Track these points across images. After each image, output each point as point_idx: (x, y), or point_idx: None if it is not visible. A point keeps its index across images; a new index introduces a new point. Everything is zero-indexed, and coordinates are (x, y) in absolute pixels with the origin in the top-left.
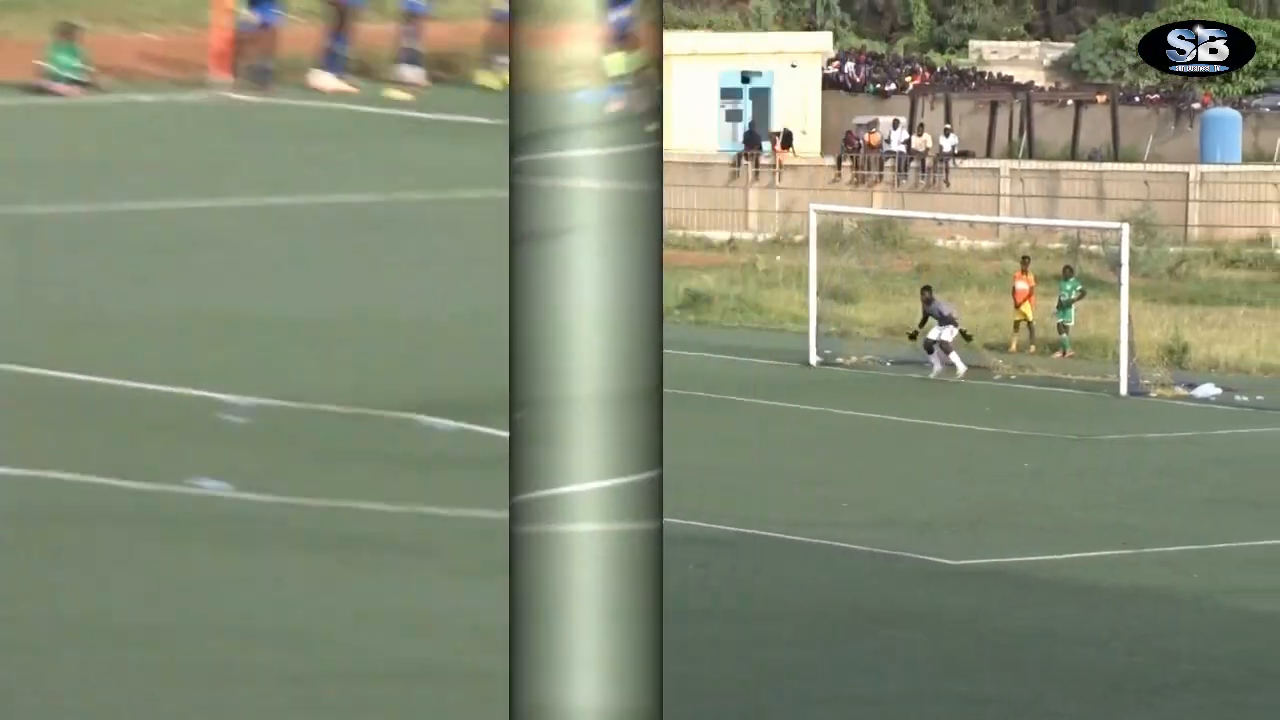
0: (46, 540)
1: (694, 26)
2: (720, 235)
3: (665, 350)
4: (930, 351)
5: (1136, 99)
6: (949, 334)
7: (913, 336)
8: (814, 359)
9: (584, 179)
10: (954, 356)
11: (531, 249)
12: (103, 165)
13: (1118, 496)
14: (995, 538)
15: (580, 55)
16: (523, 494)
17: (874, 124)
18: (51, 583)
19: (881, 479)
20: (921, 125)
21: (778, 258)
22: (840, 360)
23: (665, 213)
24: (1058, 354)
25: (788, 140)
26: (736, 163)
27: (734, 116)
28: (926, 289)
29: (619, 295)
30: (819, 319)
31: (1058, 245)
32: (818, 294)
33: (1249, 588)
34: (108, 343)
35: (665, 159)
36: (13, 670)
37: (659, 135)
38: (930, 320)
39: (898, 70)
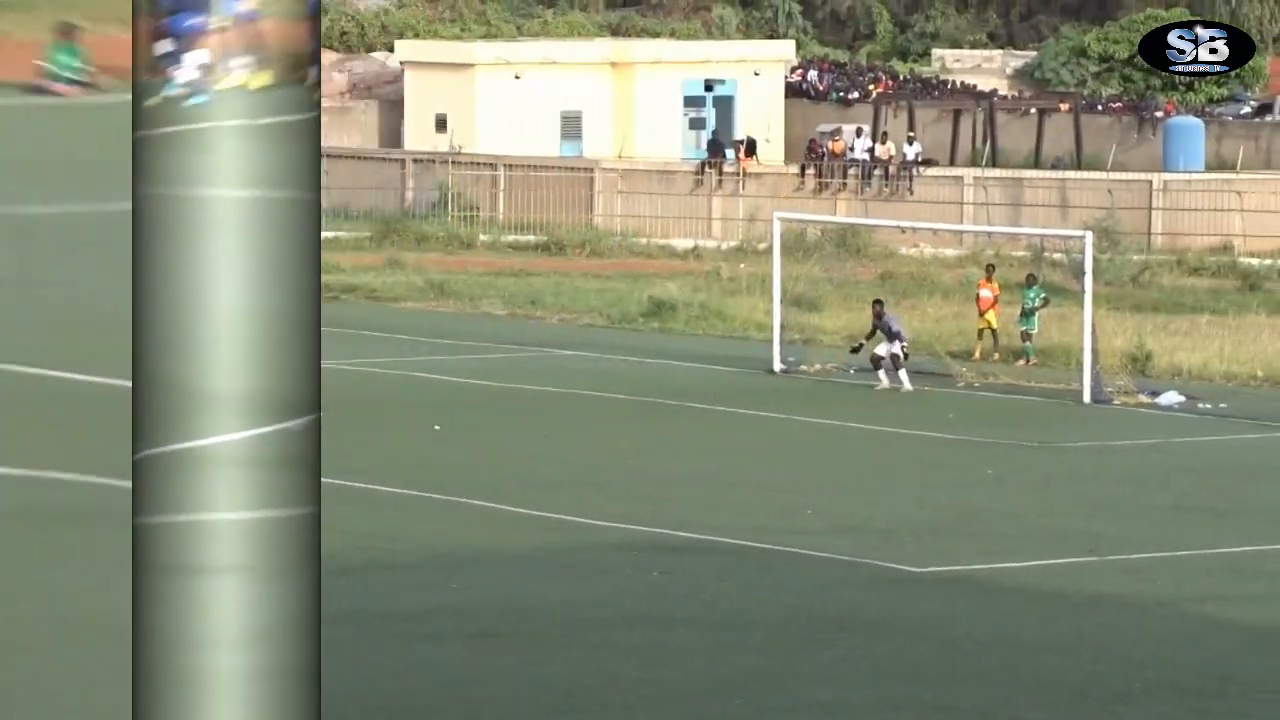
0: None
1: (657, 35)
2: (684, 243)
3: (630, 357)
4: (878, 366)
5: (1099, 107)
6: (896, 348)
7: (856, 350)
8: (777, 367)
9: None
10: (902, 374)
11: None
12: (103, 165)
13: (1081, 504)
14: (959, 545)
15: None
16: (150, 516)
17: (837, 132)
18: None
19: (845, 486)
20: (885, 133)
21: (741, 265)
22: (804, 368)
23: (631, 220)
24: (1021, 362)
25: (751, 148)
26: (700, 171)
27: (697, 124)
28: (878, 302)
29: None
30: (782, 327)
31: (1021, 253)
32: (781, 302)
33: (1212, 595)
34: None
35: (630, 167)
36: None
37: (313, 135)
38: (878, 334)
39: (861, 78)
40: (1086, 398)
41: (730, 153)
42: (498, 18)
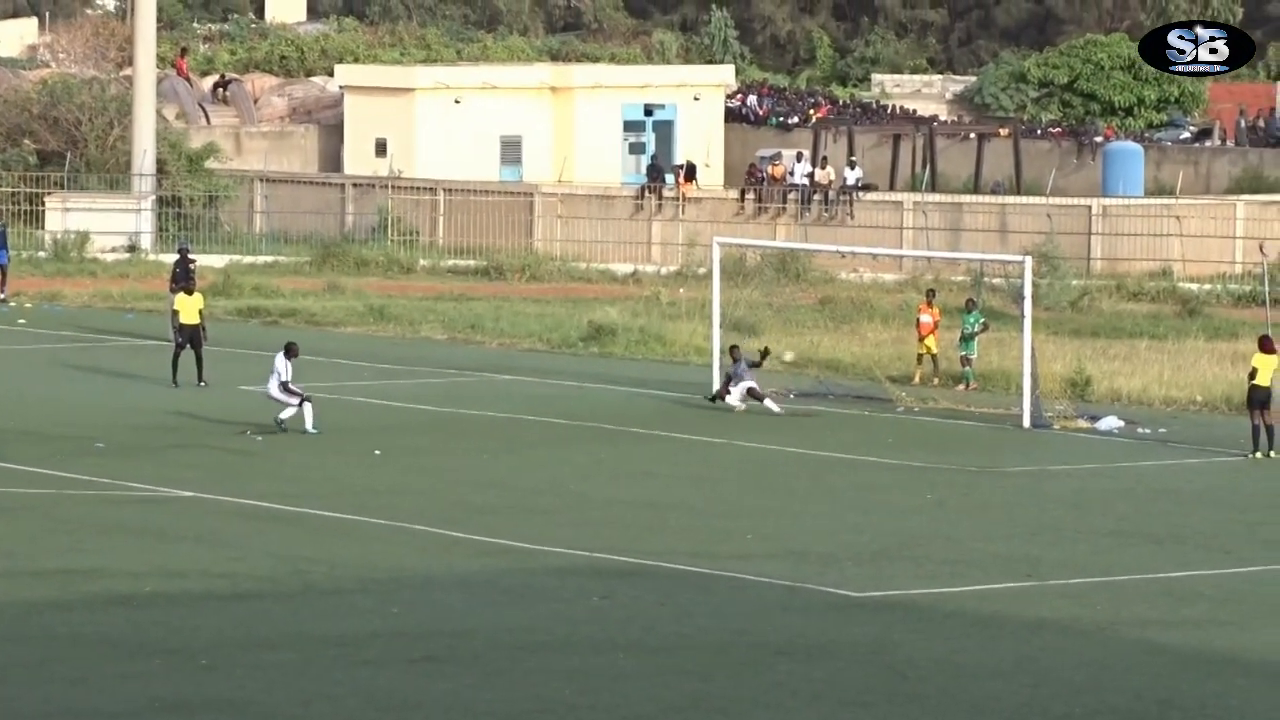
0: None
1: (597, 59)
2: (624, 268)
3: (570, 382)
4: (759, 399)
5: (1039, 132)
6: (745, 388)
7: (714, 398)
8: (717, 391)
9: None
10: (767, 402)
11: None
12: None
13: (1021, 528)
14: (899, 570)
15: None
16: None
17: (777, 157)
18: None
19: (785, 511)
20: (825, 158)
21: (681, 290)
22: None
23: (571, 245)
24: (961, 386)
25: (691, 173)
26: (640, 195)
27: (637, 149)
28: (735, 348)
29: None
30: (722, 351)
31: (961, 278)
32: (721, 326)
33: (1152, 619)
34: None
35: (570, 192)
36: None
37: None
38: (733, 379)
39: (801, 103)
40: (1026, 422)
41: (670, 177)
42: (437, 42)
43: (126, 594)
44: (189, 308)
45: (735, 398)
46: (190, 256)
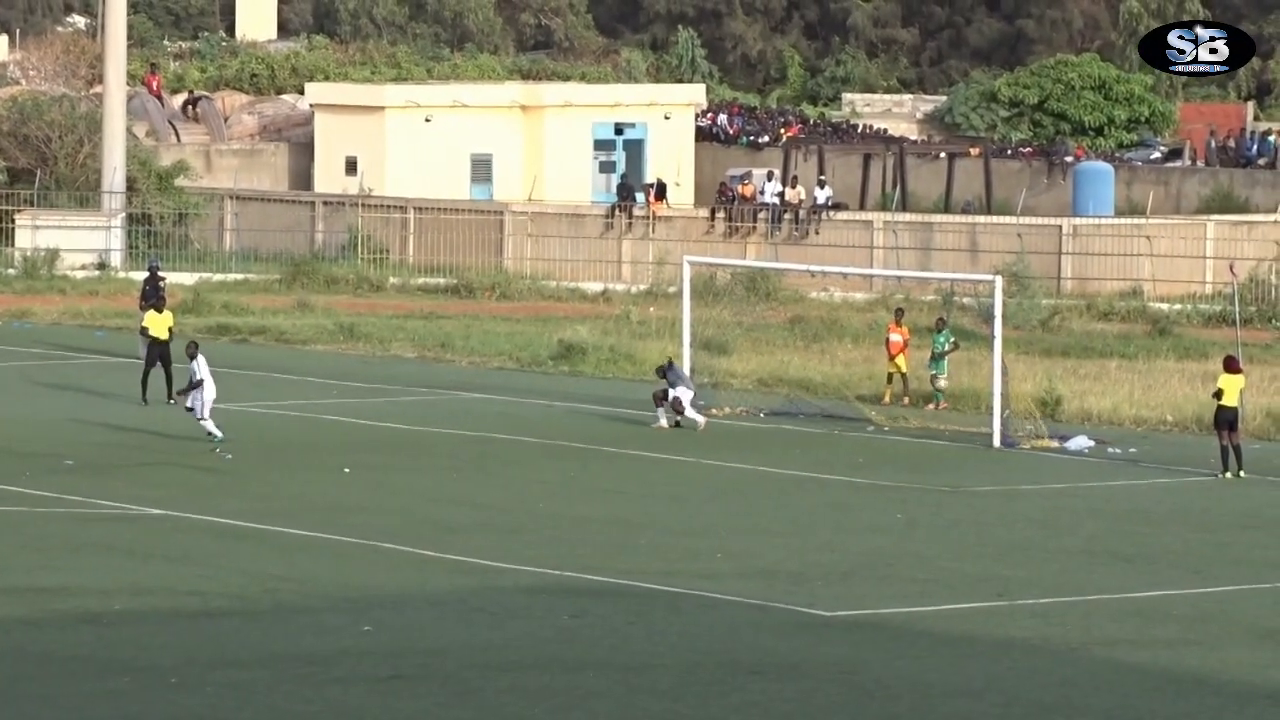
0: None
1: (567, 78)
2: (594, 286)
3: (540, 400)
4: (679, 411)
5: (1009, 152)
6: (674, 396)
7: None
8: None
9: None
10: (690, 412)
11: None
12: None
13: (990, 548)
14: (868, 589)
15: None
16: None
17: (747, 176)
18: None
19: (755, 530)
20: (795, 177)
21: (651, 309)
22: (714, 411)
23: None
24: (931, 405)
25: (661, 191)
26: (610, 214)
27: (607, 168)
28: (670, 360)
29: None
30: (692, 370)
31: (931, 297)
32: (691, 345)
33: (1122, 639)
34: None
35: (540, 210)
36: None
37: None
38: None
39: (771, 122)
40: (996, 442)
41: (640, 196)
42: (408, 60)
43: (96, 612)
44: (159, 325)
45: (662, 418)
46: (160, 274)
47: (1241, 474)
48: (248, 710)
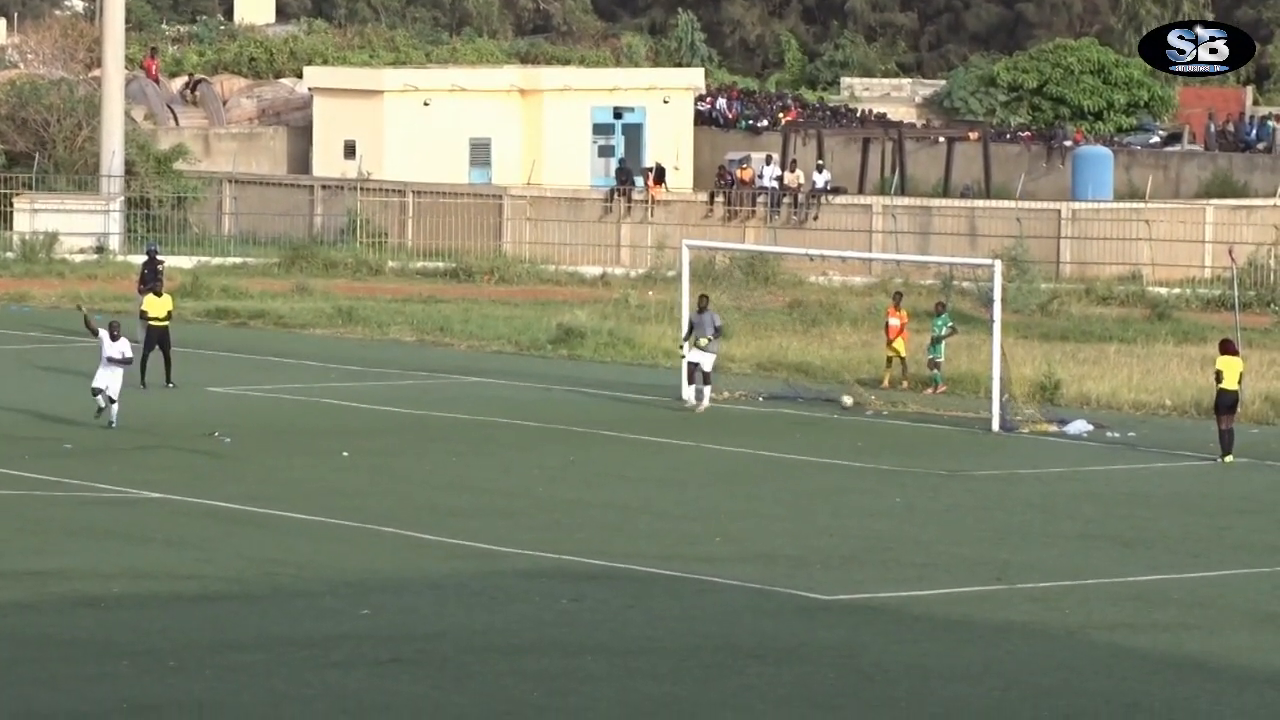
0: None
1: (566, 62)
2: (593, 270)
3: (539, 385)
4: (692, 381)
5: (1008, 136)
6: (709, 362)
7: (681, 346)
8: (686, 394)
9: None
10: (706, 390)
11: None
12: None
13: (989, 532)
14: (867, 573)
15: None
16: None
17: (746, 160)
18: None
19: (754, 514)
20: (794, 161)
21: (650, 293)
22: (713, 395)
23: (540, 247)
24: (930, 390)
25: (660, 176)
26: (609, 198)
27: (606, 152)
28: (704, 298)
29: None
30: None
31: (930, 281)
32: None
33: (1120, 623)
34: None
35: (539, 194)
36: None
37: None
38: (695, 333)
39: (770, 106)
40: (995, 426)
41: (639, 180)
42: (406, 44)
43: (95, 595)
44: (158, 308)
45: (692, 398)
46: (159, 258)
47: (1229, 459)
48: (246, 694)
